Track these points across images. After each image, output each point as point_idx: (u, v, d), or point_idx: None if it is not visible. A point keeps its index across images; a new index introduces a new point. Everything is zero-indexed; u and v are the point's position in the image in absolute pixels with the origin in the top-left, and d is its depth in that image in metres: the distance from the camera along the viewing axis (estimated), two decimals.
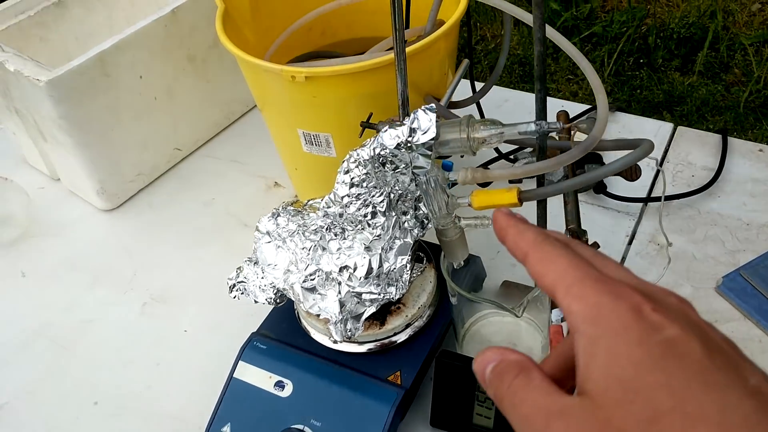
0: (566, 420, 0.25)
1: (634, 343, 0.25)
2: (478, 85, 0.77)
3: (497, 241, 0.33)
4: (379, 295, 0.56)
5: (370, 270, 0.55)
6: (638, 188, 0.80)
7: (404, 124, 0.49)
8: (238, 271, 0.62)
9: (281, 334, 0.64)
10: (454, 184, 0.54)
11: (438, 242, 0.58)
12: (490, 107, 0.81)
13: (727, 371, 0.24)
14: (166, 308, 0.76)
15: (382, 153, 0.50)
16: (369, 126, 0.63)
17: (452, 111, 0.69)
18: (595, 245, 0.51)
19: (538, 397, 0.27)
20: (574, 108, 0.93)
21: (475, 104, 0.77)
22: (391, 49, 0.72)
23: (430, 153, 0.49)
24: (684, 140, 0.86)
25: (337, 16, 0.80)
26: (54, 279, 0.81)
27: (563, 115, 0.60)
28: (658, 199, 0.78)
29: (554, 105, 0.96)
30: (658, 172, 0.82)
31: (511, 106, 0.95)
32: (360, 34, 0.85)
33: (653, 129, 0.88)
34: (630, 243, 0.76)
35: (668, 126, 0.88)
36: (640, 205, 0.79)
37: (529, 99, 0.96)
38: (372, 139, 0.51)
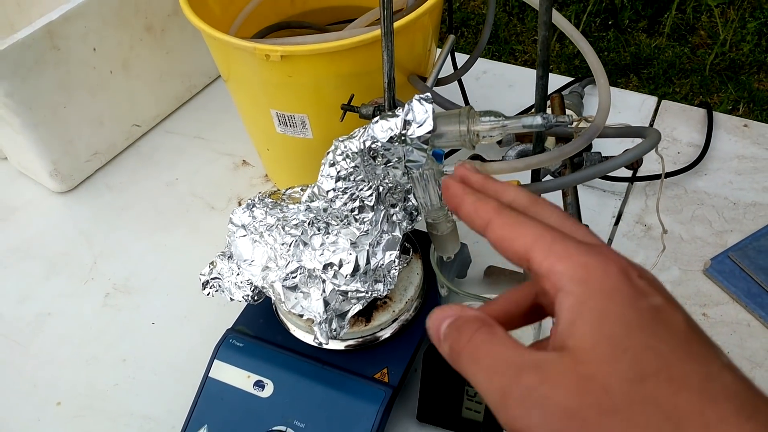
0: (541, 373, 0.24)
1: (625, 305, 0.24)
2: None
3: None
4: (366, 292, 0.53)
5: (356, 267, 0.51)
6: None
7: (397, 116, 0.45)
8: (212, 267, 0.57)
9: (259, 330, 0.60)
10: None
11: (425, 231, 0.55)
12: (467, 80, 0.78)
13: (706, 345, 0.24)
14: (131, 299, 0.72)
15: (373, 146, 0.46)
16: (350, 109, 0.58)
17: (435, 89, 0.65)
18: None
19: (505, 351, 0.26)
20: (535, 75, 0.90)
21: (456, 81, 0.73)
22: (372, 24, 0.67)
23: (426, 147, 0.45)
24: (669, 115, 0.84)
25: None
26: (5, 268, 0.75)
27: (557, 99, 0.57)
28: (644, 178, 0.75)
29: (522, 73, 0.93)
30: None
31: (490, 78, 0.91)
32: (332, 2, 0.80)
33: (637, 103, 0.85)
34: (617, 224, 0.74)
35: (652, 100, 0.86)
36: (626, 183, 0.76)
37: (508, 70, 0.93)
38: (361, 130, 0.47)
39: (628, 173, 0.76)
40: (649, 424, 0.22)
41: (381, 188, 0.50)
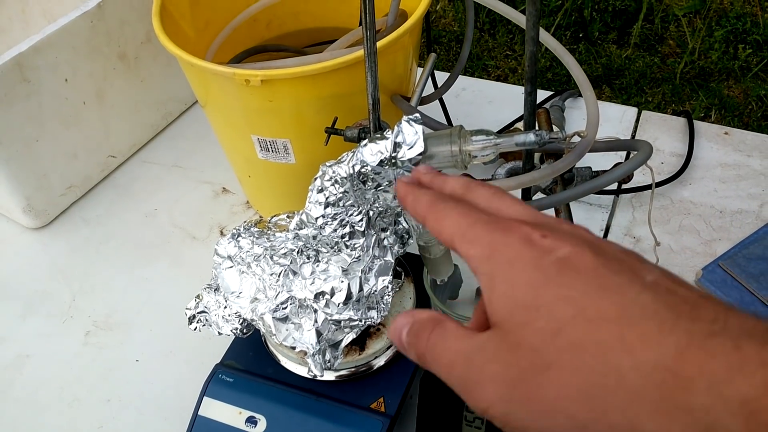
0: (483, 354, 0.26)
1: (528, 268, 0.26)
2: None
3: None
4: (360, 320, 0.51)
5: (349, 295, 0.50)
6: None
7: (387, 138, 0.44)
8: (198, 300, 0.56)
9: (248, 363, 0.58)
10: None
11: (416, 253, 0.54)
12: (447, 98, 0.77)
13: (621, 273, 0.25)
14: (113, 336, 0.69)
15: (363, 170, 0.45)
16: (335, 132, 0.57)
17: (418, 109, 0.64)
18: None
19: (455, 342, 0.27)
20: (515, 91, 0.89)
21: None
22: (351, 45, 0.66)
23: None
24: (650, 125, 0.84)
25: (283, 6, 0.74)
26: None
27: (544, 114, 0.56)
28: (630, 190, 0.75)
29: (501, 89, 0.92)
30: (627, 159, 0.79)
31: (470, 95, 0.90)
32: (308, 24, 0.79)
33: (617, 114, 0.85)
34: (605, 237, 0.73)
35: (632, 111, 0.86)
36: (612, 196, 0.76)
37: (487, 86, 0.92)
38: (349, 154, 0.46)
39: (614, 185, 0.76)
40: (579, 367, 0.23)
41: (371, 213, 0.49)
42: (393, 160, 0.44)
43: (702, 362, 0.22)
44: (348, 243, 0.49)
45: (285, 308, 0.51)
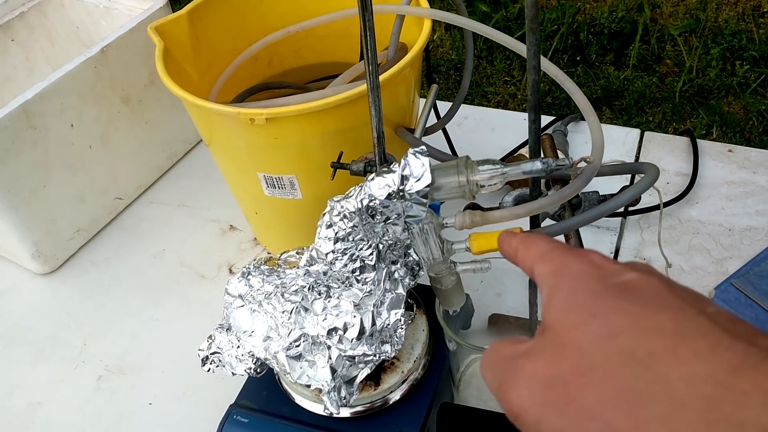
0: (527, 354, 0.27)
1: (592, 281, 0.27)
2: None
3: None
4: (374, 355, 0.51)
5: (362, 330, 0.50)
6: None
7: (393, 171, 0.44)
8: (210, 341, 0.55)
9: (263, 403, 0.57)
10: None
11: (427, 284, 0.54)
12: (450, 127, 0.77)
13: (684, 299, 0.25)
14: (125, 379, 0.69)
15: (371, 204, 0.45)
16: (341, 166, 0.57)
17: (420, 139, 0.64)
18: None
19: (507, 348, 0.28)
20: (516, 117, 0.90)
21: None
22: (354, 80, 0.66)
23: (425, 201, 0.44)
24: (653, 146, 0.84)
25: (284, 44, 0.75)
26: None
27: (548, 141, 0.56)
28: (638, 211, 0.75)
29: (503, 116, 0.93)
30: (632, 180, 0.79)
31: (472, 123, 0.91)
32: (309, 60, 0.79)
33: (620, 136, 0.85)
34: (615, 259, 0.72)
35: (635, 132, 0.86)
36: (620, 218, 0.76)
37: (488, 114, 0.93)
38: (357, 188, 0.46)
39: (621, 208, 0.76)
40: (624, 372, 0.23)
41: (381, 246, 0.49)
42: (401, 193, 0.44)
43: (758, 379, 0.21)
44: (359, 277, 0.49)
45: (298, 346, 0.50)
